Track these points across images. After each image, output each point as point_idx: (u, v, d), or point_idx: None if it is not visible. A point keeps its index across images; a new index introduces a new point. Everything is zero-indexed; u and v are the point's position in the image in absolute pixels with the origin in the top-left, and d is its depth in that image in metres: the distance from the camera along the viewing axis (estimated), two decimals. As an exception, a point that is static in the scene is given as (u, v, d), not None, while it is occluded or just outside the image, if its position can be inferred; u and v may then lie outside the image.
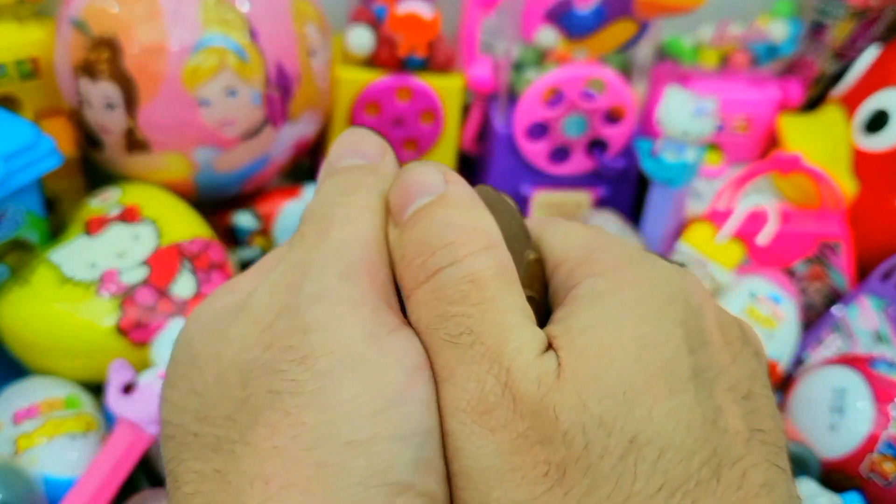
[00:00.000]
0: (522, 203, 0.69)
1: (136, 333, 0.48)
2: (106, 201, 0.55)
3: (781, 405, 0.55)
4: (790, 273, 0.62)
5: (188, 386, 0.18)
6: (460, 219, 0.18)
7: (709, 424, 0.16)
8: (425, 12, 0.62)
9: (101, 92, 0.53)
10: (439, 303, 0.17)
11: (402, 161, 0.21)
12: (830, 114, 0.69)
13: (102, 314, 0.48)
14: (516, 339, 0.17)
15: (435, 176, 0.19)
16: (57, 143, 0.51)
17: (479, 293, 0.17)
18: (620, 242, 0.20)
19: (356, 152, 0.21)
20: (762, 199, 0.63)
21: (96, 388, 0.49)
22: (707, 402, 0.16)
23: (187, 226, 0.55)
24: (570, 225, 0.21)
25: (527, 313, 0.18)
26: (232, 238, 0.62)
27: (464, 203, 0.18)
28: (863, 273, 0.62)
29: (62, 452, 0.45)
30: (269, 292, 0.18)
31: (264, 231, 0.62)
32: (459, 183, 0.19)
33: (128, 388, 0.46)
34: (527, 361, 0.16)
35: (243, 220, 0.62)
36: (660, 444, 0.15)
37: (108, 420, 0.48)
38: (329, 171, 0.21)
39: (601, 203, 0.70)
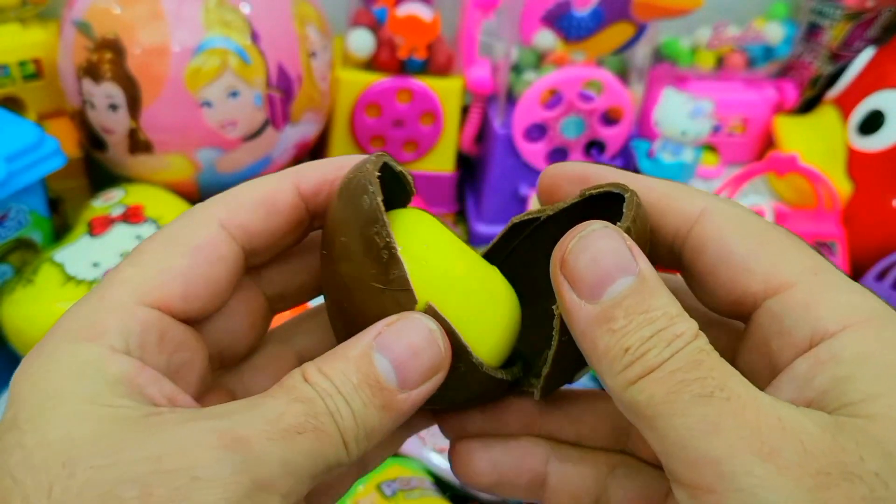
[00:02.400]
0: (521, 203, 0.70)
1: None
2: (109, 201, 0.56)
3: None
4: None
5: None
6: (665, 306, 0.18)
7: None
8: (425, 14, 0.63)
9: (105, 93, 0.53)
10: (677, 374, 0.17)
11: (400, 162, 0.21)
12: (826, 115, 0.70)
13: (106, 313, 0.49)
14: (764, 395, 0.17)
15: (625, 254, 0.18)
16: (60, 144, 0.52)
17: (711, 361, 0.17)
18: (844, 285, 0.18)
19: (397, 360, 0.20)
20: (758, 199, 0.63)
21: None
22: None
23: (190, 226, 0.55)
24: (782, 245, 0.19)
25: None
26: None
27: (657, 283, 0.18)
28: (857, 273, 0.63)
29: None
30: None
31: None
32: (641, 255, 0.18)
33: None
34: (792, 408, 0.17)
35: (245, 220, 0.62)
36: None
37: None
38: (361, 350, 0.20)
39: (599, 203, 0.71)
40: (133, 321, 0.18)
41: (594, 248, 0.18)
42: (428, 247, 0.20)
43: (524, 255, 0.24)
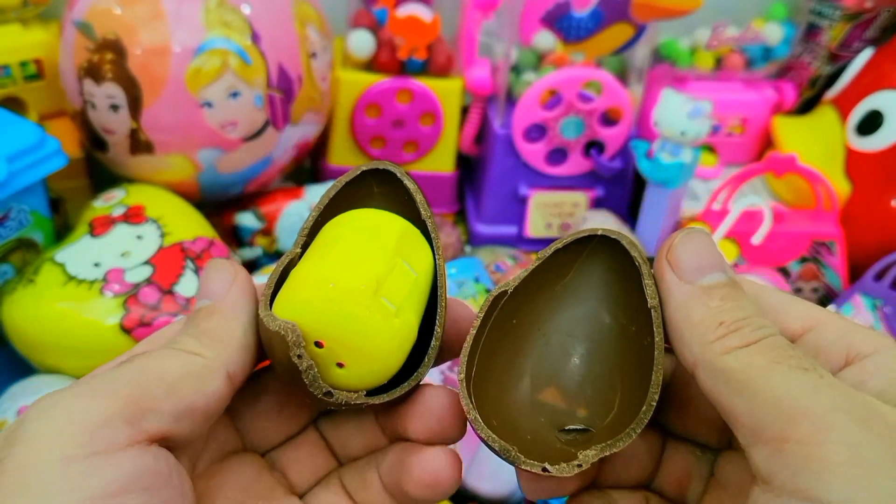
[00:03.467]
0: (521, 203, 0.70)
1: (139, 332, 0.49)
2: (110, 202, 0.56)
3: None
4: (784, 272, 0.63)
5: None
6: (751, 306, 0.21)
7: None
8: (425, 15, 0.63)
9: (105, 93, 0.54)
10: (776, 349, 0.19)
11: (400, 162, 0.22)
12: (824, 115, 0.70)
13: (106, 313, 0.49)
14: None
15: (720, 256, 0.22)
16: (61, 144, 0.52)
17: (799, 351, 0.19)
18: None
19: (206, 292, 0.23)
20: (757, 199, 0.63)
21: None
22: None
23: (190, 226, 0.55)
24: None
25: None
26: (234, 238, 0.63)
27: (744, 291, 0.21)
28: (855, 272, 0.63)
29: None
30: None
31: (266, 231, 0.63)
32: (735, 275, 0.22)
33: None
34: (870, 395, 0.19)
35: (246, 220, 0.62)
36: None
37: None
38: (188, 314, 0.23)
39: (598, 203, 0.71)
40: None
41: (697, 242, 0.22)
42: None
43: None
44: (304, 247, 0.24)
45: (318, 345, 0.21)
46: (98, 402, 0.19)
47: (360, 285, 0.22)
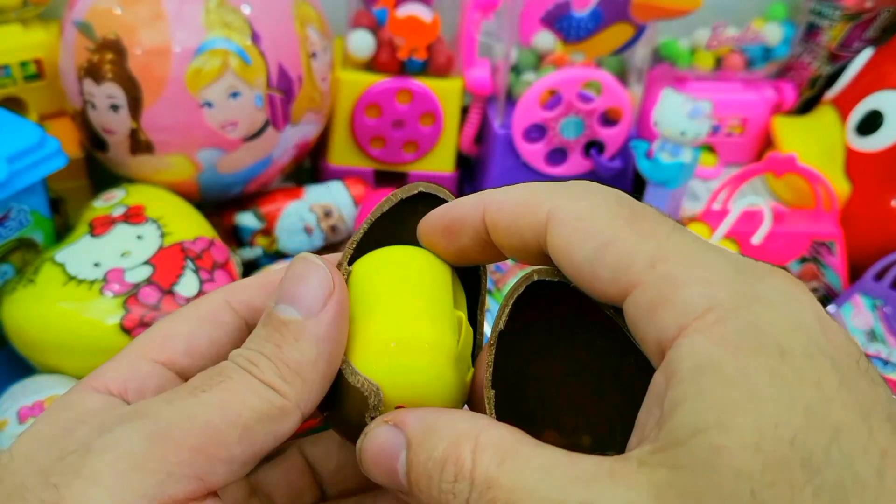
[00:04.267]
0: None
1: (139, 332, 0.49)
2: (110, 202, 0.56)
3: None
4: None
5: None
6: (439, 452, 0.17)
7: None
8: (425, 15, 0.63)
9: (106, 93, 0.54)
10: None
11: (400, 163, 0.22)
12: (824, 115, 0.70)
13: (107, 313, 0.49)
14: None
15: (388, 433, 0.19)
16: (62, 145, 0.52)
17: (499, 490, 0.16)
18: (701, 252, 0.17)
19: (294, 297, 0.19)
20: (757, 199, 0.63)
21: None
22: None
23: (191, 226, 0.55)
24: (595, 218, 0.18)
25: (548, 460, 0.16)
26: (235, 238, 0.63)
27: (425, 433, 0.18)
28: (855, 272, 0.63)
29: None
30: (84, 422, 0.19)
31: (267, 231, 0.63)
32: (409, 418, 0.19)
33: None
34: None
35: (246, 220, 0.62)
36: None
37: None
38: (265, 315, 0.20)
39: (598, 204, 0.71)
40: (134, 372, 0.21)
41: (369, 451, 0.19)
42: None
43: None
44: (352, 260, 0.22)
45: (397, 407, 0.19)
46: (168, 450, 0.17)
47: (449, 348, 0.20)
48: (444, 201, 0.23)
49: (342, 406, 0.20)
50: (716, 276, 0.16)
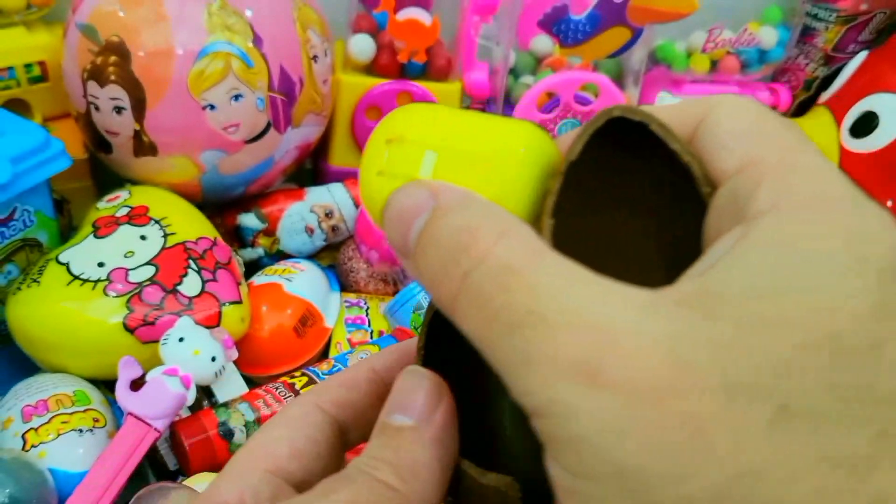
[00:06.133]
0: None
1: (143, 331, 0.50)
2: (114, 202, 0.56)
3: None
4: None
5: None
6: (462, 220, 0.16)
7: None
8: (425, 19, 0.64)
9: (109, 95, 0.54)
10: (483, 302, 0.15)
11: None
12: (819, 117, 0.70)
13: (110, 312, 0.50)
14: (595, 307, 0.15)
15: (420, 193, 0.17)
16: (66, 146, 0.52)
17: (518, 277, 0.15)
18: (817, 161, 0.16)
19: (405, 407, 0.20)
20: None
21: (110, 384, 0.50)
22: None
23: (193, 226, 0.56)
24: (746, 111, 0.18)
25: (581, 273, 0.15)
26: (236, 238, 0.63)
27: (457, 203, 0.17)
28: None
29: (70, 447, 0.46)
30: None
31: (268, 232, 0.63)
32: (447, 189, 0.17)
33: (135, 384, 0.47)
34: (631, 311, 0.14)
35: (248, 220, 0.63)
36: None
37: (119, 415, 0.49)
38: (379, 426, 0.20)
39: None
40: (246, 484, 0.21)
41: (395, 208, 0.18)
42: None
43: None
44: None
45: None
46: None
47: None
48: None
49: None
50: (834, 192, 0.16)
